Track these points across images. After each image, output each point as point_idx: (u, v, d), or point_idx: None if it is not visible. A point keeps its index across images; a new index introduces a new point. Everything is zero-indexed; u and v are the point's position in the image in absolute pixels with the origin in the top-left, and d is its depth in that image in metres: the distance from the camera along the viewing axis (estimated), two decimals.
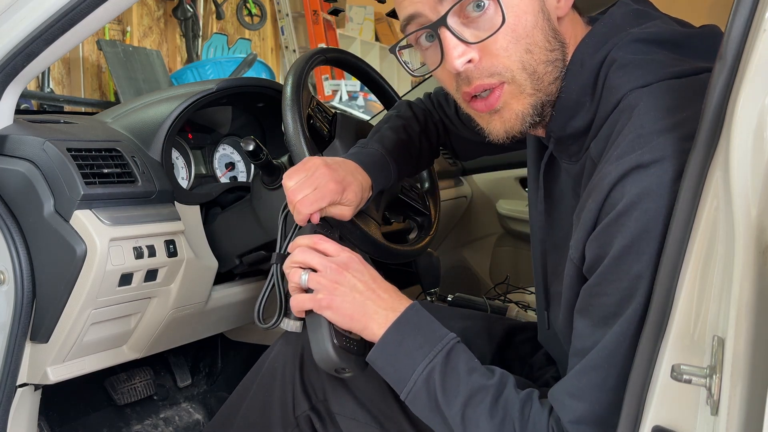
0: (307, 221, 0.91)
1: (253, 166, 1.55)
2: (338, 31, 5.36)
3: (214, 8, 4.41)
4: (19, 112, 1.12)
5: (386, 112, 1.40)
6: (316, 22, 5.02)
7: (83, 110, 2.90)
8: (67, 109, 2.95)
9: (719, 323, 0.59)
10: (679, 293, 0.62)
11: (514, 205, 2.05)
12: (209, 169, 1.51)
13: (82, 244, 1.04)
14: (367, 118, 2.18)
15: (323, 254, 0.86)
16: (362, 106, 4.52)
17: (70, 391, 1.45)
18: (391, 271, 1.67)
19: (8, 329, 1.07)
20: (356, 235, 1.04)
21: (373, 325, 0.82)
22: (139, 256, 1.11)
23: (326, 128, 1.20)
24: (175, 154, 1.42)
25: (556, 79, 0.79)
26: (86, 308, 1.08)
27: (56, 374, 1.12)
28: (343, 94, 4.69)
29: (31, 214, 1.07)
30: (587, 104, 0.79)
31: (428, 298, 1.66)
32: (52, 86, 3.38)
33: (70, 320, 1.08)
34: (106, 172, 1.10)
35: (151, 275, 1.15)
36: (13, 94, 1.08)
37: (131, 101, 1.34)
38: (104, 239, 1.05)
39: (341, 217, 0.95)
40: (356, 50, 5.33)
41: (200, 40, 4.28)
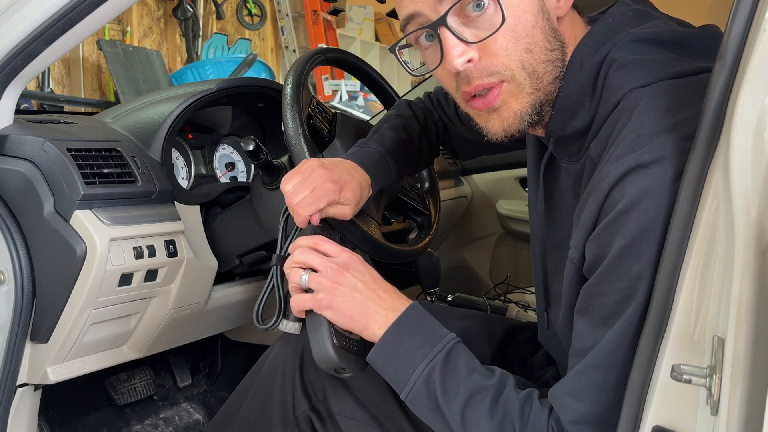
0: (307, 223, 0.91)
1: (253, 166, 1.55)
2: (338, 31, 5.35)
3: (214, 8, 4.41)
4: (19, 112, 1.12)
5: (386, 112, 1.40)
6: (316, 22, 5.02)
7: (83, 110, 2.90)
8: (67, 109, 2.94)
9: (719, 323, 0.59)
10: (679, 293, 0.62)
11: (514, 205, 2.05)
12: (209, 169, 1.51)
13: (82, 244, 1.04)
14: (367, 118, 2.18)
15: (324, 255, 0.87)
16: (362, 106, 4.52)
17: (70, 391, 1.45)
18: (391, 271, 1.67)
19: (8, 329, 1.07)
20: (356, 235, 1.04)
21: (373, 325, 0.82)
22: (139, 256, 1.11)
23: (326, 128, 1.20)
24: (175, 154, 1.42)
25: (555, 78, 0.79)
26: (86, 308, 1.08)
27: (56, 374, 1.13)
28: (343, 94, 4.69)
29: (31, 214, 1.07)
30: (587, 104, 0.79)
31: (428, 298, 1.66)
32: (52, 86, 3.38)
33: (70, 320, 1.08)
34: (106, 172, 1.10)
35: (151, 275, 1.15)
36: (13, 94, 1.08)
37: (131, 101, 1.34)
38: (104, 239, 1.05)
39: (341, 216, 0.96)
40: (356, 50, 5.33)
41: (200, 40, 4.28)
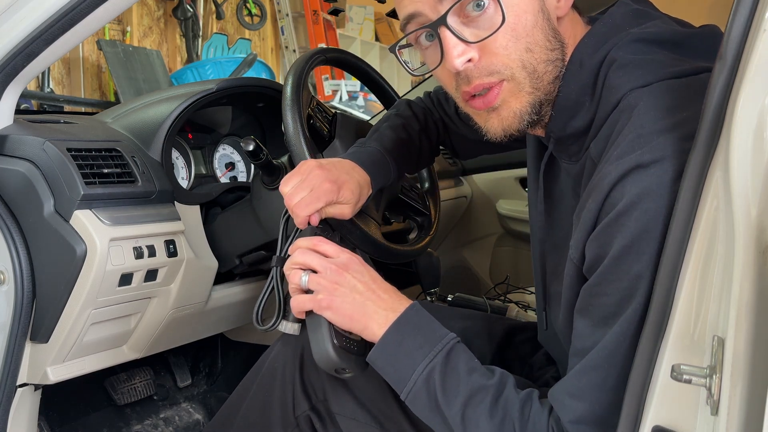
0: (306, 223, 0.91)
1: (253, 166, 1.55)
2: (338, 31, 5.35)
3: (214, 8, 4.41)
4: (19, 112, 1.12)
5: (386, 111, 1.40)
6: (316, 22, 5.02)
7: (83, 110, 2.90)
8: (67, 109, 2.94)
9: (719, 323, 0.59)
10: (679, 293, 0.62)
11: (514, 205, 2.05)
12: (209, 169, 1.51)
13: (82, 244, 1.04)
14: (367, 118, 2.18)
15: (323, 255, 0.87)
16: (362, 106, 4.52)
17: (70, 391, 1.45)
18: (391, 271, 1.67)
19: (8, 329, 1.07)
20: (356, 235, 1.04)
21: (373, 325, 0.82)
22: (139, 256, 1.11)
23: (326, 128, 1.20)
24: (175, 154, 1.42)
25: (555, 78, 0.79)
26: (86, 308, 1.08)
27: (56, 374, 1.13)
28: (343, 94, 4.69)
29: (31, 214, 1.07)
30: (587, 104, 0.79)
31: (428, 298, 1.66)
32: (52, 86, 3.38)
33: (70, 320, 1.08)
34: (106, 172, 1.10)
35: (151, 275, 1.15)
36: (13, 94, 1.08)
37: (131, 101, 1.34)
38: (104, 239, 1.05)
39: (341, 216, 0.96)
40: (356, 50, 5.33)
41: (200, 40, 4.28)
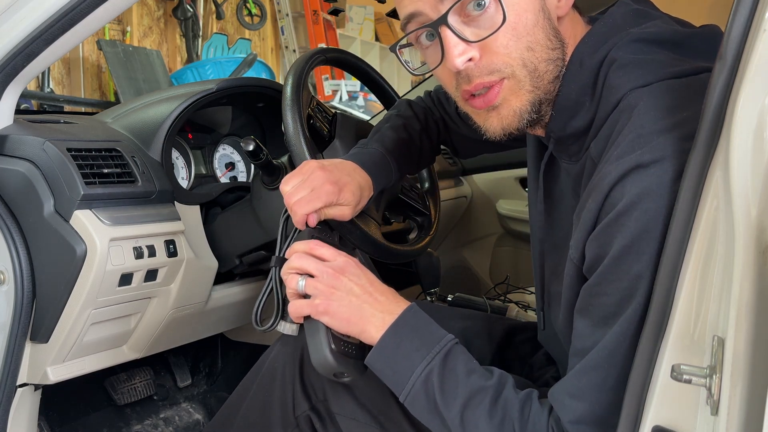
0: (304, 222, 0.91)
1: (253, 166, 1.55)
2: (338, 31, 5.36)
3: (214, 8, 4.41)
4: (19, 112, 1.12)
5: (386, 112, 1.39)
6: (316, 22, 5.02)
7: (83, 110, 2.90)
8: (67, 109, 2.94)
9: (719, 323, 0.59)
10: (679, 293, 0.62)
11: (514, 205, 2.05)
12: (209, 169, 1.51)
13: (82, 244, 1.04)
14: (367, 118, 2.18)
15: (320, 259, 0.86)
16: (362, 106, 4.52)
17: (70, 391, 1.45)
18: (391, 271, 1.67)
19: (8, 329, 1.07)
20: (356, 235, 1.04)
21: (370, 328, 0.82)
22: (139, 256, 1.11)
23: (326, 128, 1.20)
24: (175, 154, 1.42)
25: (555, 78, 0.79)
26: (86, 308, 1.08)
27: (56, 374, 1.12)
28: (343, 94, 4.69)
29: (31, 214, 1.07)
30: (587, 104, 0.79)
31: (428, 298, 1.66)
32: (52, 86, 3.38)
33: (70, 320, 1.08)
34: (106, 172, 1.10)
35: (151, 275, 1.15)
36: (13, 94, 1.08)
37: (131, 101, 1.34)
38: (104, 239, 1.05)
39: (340, 217, 0.95)
40: (356, 50, 5.33)
41: (200, 40, 4.28)
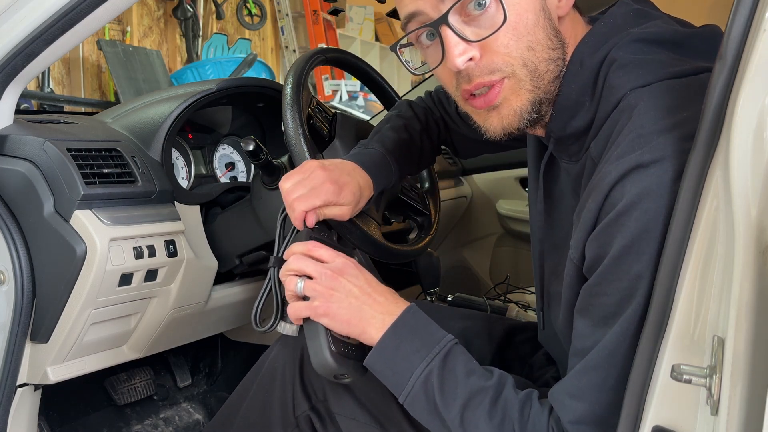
0: (303, 220, 0.91)
1: (253, 166, 1.55)
2: (338, 31, 5.36)
3: (214, 8, 4.42)
4: (19, 112, 1.12)
5: (386, 112, 1.39)
6: (316, 22, 5.02)
7: (83, 110, 2.90)
8: (67, 109, 2.94)
9: (719, 323, 0.59)
10: (679, 293, 0.62)
11: (514, 205, 2.05)
12: (209, 169, 1.51)
13: (82, 244, 1.04)
14: (367, 118, 2.18)
15: (318, 261, 0.86)
16: (362, 106, 4.52)
17: (70, 391, 1.45)
18: (391, 271, 1.67)
19: (8, 329, 1.07)
20: (356, 235, 1.04)
21: (370, 329, 0.82)
22: (139, 256, 1.11)
23: (326, 128, 1.20)
24: (175, 154, 1.42)
25: (556, 78, 0.79)
26: (86, 308, 1.08)
27: (56, 374, 1.12)
28: (343, 94, 4.69)
29: (31, 214, 1.07)
30: (587, 104, 0.79)
31: (428, 298, 1.66)
32: (52, 86, 3.38)
33: (70, 320, 1.08)
34: (106, 172, 1.10)
35: (151, 275, 1.15)
36: (13, 94, 1.08)
37: (131, 101, 1.34)
38: (104, 239, 1.05)
39: (340, 217, 0.95)
40: (356, 50, 5.33)
41: (200, 40, 4.28)
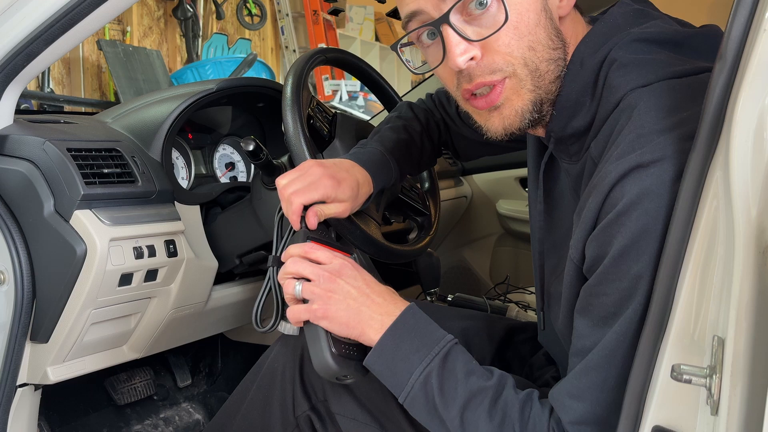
0: (300, 214, 0.90)
1: (253, 166, 1.55)
2: (338, 31, 5.36)
3: (214, 8, 4.42)
4: (19, 112, 1.12)
5: (386, 112, 1.40)
6: (316, 22, 5.03)
7: (83, 110, 2.90)
8: (67, 109, 2.94)
9: (719, 323, 0.59)
10: (679, 293, 0.62)
11: (514, 205, 2.05)
12: (209, 169, 1.51)
13: (82, 244, 1.04)
14: (367, 118, 2.18)
15: (316, 262, 0.86)
16: (362, 106, 4.52)
17: (70, 391, 1.45)
18: (391, 271, 1.67)
19: (8, 329, 1.07)
20: (356, 235, 1.04)
21: (369, 331, 0.82)
22: (139, 256, 1.11)
23: (326, 128, 1.20)
24: (175, 154, 1.42)
25: (556, 78, 0.79)
26: (86, 308, 1.08)
27: (56, 374, 1.12)
28: (343, 94, 4.69)
29: (31, 214, 1.07)
30: (587, 104, 0.79)
31: (428, 298, 1.66)
32: (52, 86, 3.38)
33: (70, 320, 1.08)
34: (106, 172, 1.10)
35: (151, 275, 1.15)
36: (13, 94, 1.08)
37: (131, 101, 1.34)
38: (104, 239, 1.05)
39: (338, 214, 0.95)
40: (356, 50, 5.33)
41: (200, 40, 4.28)
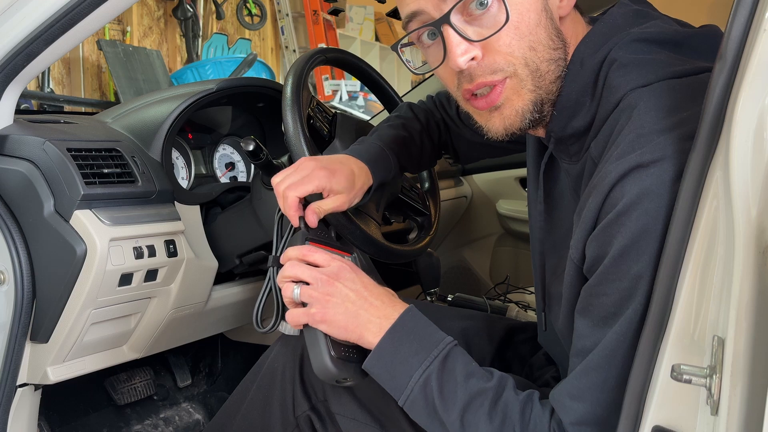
0: (296, 208, 0.90)
1: (253, 166, 1.55)
2: (338, 31, 5.36)
3: (214, 8, 4.42)
4: (19, 112, 1.12)
5: (386, 112, 1.40)
6: (316, 22, 5.03)
7: (83, 110, 2.90)
8: (67, 109, 2.94)
9: (719, 323, 0.59)
10: (679, 293, 0.62)
11: (514, 205, 2.05)
12: (209, 169, 1.51)
13: (82, 244, 1.04)
14: (367, 118, 2.18)
15: (314, 265, 0.86)
16: (362, 106, 4.53)
17: (70, 391, 1.45)
18: (391, 271, 1.67)
19: (8, 329, 1.07)
20: (356, 235, 1.04)
21: (367, 334, 0.82)
22: (139, 256, 1.11)
23: (326, 128, 1.20)
24: (175, 154, 1.42)
25: (557, 78, 0.79)
26: (86, 308, 1.08)
27: (56, 374, 1.12)
28: (343, 94, 4.70)
29: (31, 214, 1.07)
30: (587, 104, 0.79)
31: (428, 298, 1.66)
32: (52, 86, 3.38)
33: (70, 320, 1.08)
34: (106, 172, 1.10)
35: (151, 275, 1.15)
36: (13, 94, 1.08)
37: (131, 101, 1.34)
38: (104, 239, 1.05)
39: (337, 208, 0.95)
40: (356, 50, 5.33)
41: (200, 40, 4.28)
